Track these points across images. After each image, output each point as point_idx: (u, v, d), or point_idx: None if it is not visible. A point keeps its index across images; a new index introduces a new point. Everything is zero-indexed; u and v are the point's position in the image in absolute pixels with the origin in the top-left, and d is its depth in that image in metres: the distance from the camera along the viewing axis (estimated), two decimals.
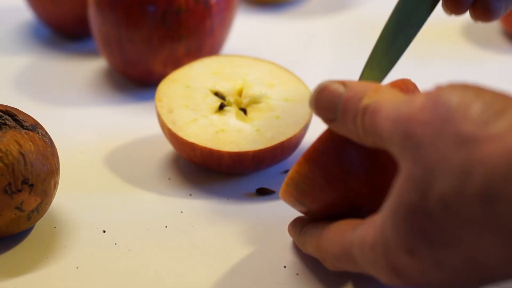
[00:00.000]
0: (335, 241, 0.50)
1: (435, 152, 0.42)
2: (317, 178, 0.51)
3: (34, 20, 0.85)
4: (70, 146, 0.67)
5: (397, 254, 0.44)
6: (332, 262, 0.50)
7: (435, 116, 0.43)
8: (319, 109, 0.49)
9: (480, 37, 0.83)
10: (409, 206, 0.43)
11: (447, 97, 0.43)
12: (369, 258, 0.46)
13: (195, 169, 0.65)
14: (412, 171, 0.43)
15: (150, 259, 0.56)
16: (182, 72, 0.67)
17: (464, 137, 0.42)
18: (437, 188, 0.42)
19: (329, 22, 0.87)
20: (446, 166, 0.42)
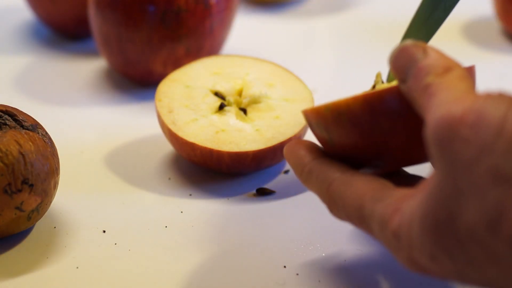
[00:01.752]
0: (350, 200, 0.48)
1: (469, 178, 0.41)
2: (364, 121, 0.50)
3: (34, 20, 0.85)
4: (70, 146, 0.67)
5: (420, 255, 0.44)
6: (340, 215, 0.50)
7: (476, 136, 0.41)
8: (395, 68, 0.48)
9: (480, 37, 0.83)
10: (437, 221, 0.43)
11: (493, 116, 0.41)
12: (390, 242, 0.46)
13: (195, 169, 0.65)
14: (443, 185, 0.42)
15: (150, 259, 0.56)
16: (182, 72, 0.67)
17: (503, 175, 0.40)
18: (467, 217, 0.41)
19: (329, 22, 0.87)
20: (479, 200, 0.41)
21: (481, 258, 0.42)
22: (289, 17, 0.87)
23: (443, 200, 0.42)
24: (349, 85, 0.76)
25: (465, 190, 0.41)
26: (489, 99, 0.42)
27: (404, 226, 0.45)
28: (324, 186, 0.50)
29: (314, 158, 0.52)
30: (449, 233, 0.42)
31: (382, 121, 0.50)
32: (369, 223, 0.47)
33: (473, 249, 0.42)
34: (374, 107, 0.50)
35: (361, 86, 0.65)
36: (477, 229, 0.41)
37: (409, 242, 0.45)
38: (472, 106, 0.42)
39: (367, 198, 0.48)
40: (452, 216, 0.42)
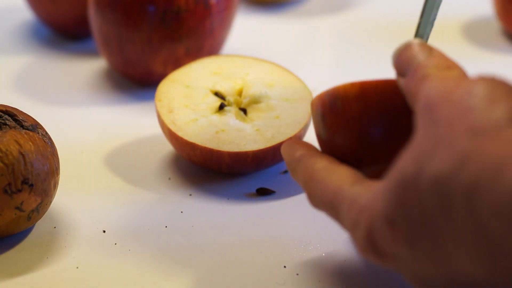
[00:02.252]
0: (328, 186, 0.49)
1: (446, 132, 0.43)
2: (355, 107, 0.50)
3: (34, 20, 0.85)
4: (70, 146, 0.67)
5: (379, 222, 0.45)
6: (316, 203, 0.50)
7: (462, 100, 0.43)
8: (396, 62, 0.50)
9: (480, 37, 0.83)
10: (403, 177, 0.43)
11: (481, 88, 0.43)
12: (352, 219, 0.47)
13: (195, 169, 0.65)
14: (419, 143, 0.44)
15: (150, 259, 0.56)
16: (182, 72, 0.67)
17: (476, 129, 0.42)
18: (433, 166, 0.42)
19: (329, 22, 0.87)
20: (449, 149, 0.42)
21: (436, 213, 0.42)
22: (289, 17, 0.87)
23: (414, 156, 0.43)
24: None
25: (438, 142, 0.43)
26: (481, 78, 0.44)
27: (370, 198, 0.46)
28: (308, 172, 0.51)
29: (306, 151, 0.53)
30: (412, 188, 0.43)
31: (371, 111, 0.50)
32: (338, 207, 0.48)
33: (431, 202, 0.42)
34: (368, 94, 0.50)
35: None
36: (439, 178, 0.42)
37: (371, 212, 0.45)
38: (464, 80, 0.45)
39: (346, 184, 0.49)
40: (420, 168, 0.43)
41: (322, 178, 0.50)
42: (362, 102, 0.51)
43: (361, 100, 0.51)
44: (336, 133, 0.52)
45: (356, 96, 0.51)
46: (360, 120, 0.51)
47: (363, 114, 0.51)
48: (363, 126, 0.51)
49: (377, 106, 0.50)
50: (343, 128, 0.51)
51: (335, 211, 0.49)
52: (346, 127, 0.51)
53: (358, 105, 0.51)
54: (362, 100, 0.51)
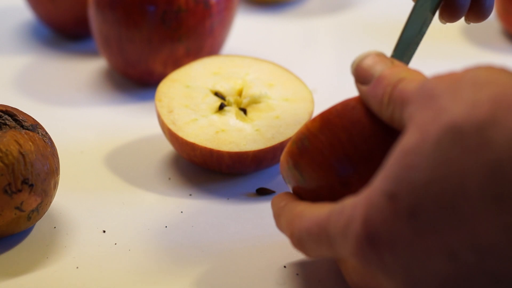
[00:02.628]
0: (313, 216, 0.48)
1: (451, 97, 0.43)
2: (323, 138, 0.50)
3: (34, 20, 0.85)
4: (70, 146, 0.67)
5: (377, 200, 0.43)
6: (300, 237, 0.49)
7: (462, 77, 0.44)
8: (357, 70, 0.50)
9: (480, 37, 0.83)
10: (407, 146, 0.43)
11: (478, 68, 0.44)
12: (344, 220, 0.45)
13: (195, 169, 0.65)
14: (422, 117, 0.43)
15: (150, 259, 0.56)
16: (182, 72, 0.67)
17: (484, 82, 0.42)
18: (441, 121, 0.42)
19: (329, 22, 0.87)
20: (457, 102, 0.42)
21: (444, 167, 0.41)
22: (289, 17, 0.88)
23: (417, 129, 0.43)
24: (349, 85, 0.76)
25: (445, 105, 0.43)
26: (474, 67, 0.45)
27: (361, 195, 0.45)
28: (290, 217, 0.50)
29: (288, 200, 0.52)
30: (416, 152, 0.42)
31: (340, 135, 0.50)
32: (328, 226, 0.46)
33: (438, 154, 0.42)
34: (329, 121, 0.50)
35: None
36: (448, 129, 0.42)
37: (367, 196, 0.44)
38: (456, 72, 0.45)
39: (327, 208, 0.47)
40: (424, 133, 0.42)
41: (306, 213, 0.49)
42: (327, 130, 0.50)
43: (325, 129, 0.50)
44: (315, 170, 0.51)
45: (320, 127, 0.50)
46: (332, 147, 0.50)
47: (333, 141, 0.50)
48: (338, 150, 0.50)
49: (343, 126, 0.50)
50: (320, 161, 0.51)
51: (323, 231, 0.47)
52: (322, 159, 0.51)
53: (325, 134, 0.50)
54: (326, 128, 0.50)
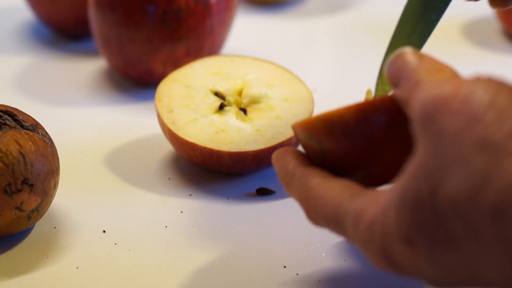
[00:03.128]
0: (328, 202, 0.48)
1: (455, 148, 0.41)
2: (356, 131, 0.49)
3: (34, 20, 0.85)
4: (70, 146, 0.67)
5: (394, 241, 0.43)
6: (317, 220, 0.49)
7: (465, 109, 0.41)
8: (389, 73, 0.48)
9: (480, 37, 0.83)
10: (417, 197, 0.42)
11: (483, 93, 0.42)
12: (362, 235, 0.45)
13: (195, 169, 0.65)
14: (427, 159, 0.42)
15: (150, 259, 0.56)
16: (182, 72, 0.67)
17: (490, 143, 0.40)
18: (450, 187, 0.41)
19: (329, 22, 0.87)
20: (463, 167, 0.41)
21: (459, 234, 0.41)
22: (289, 17, 0.87)
23: (425, 174, 0.42)
24: (349, 85, 0.76)
25: (450, 160, 0.41)
26: (478, 80, 0.42)
27: (379, 214, 0.44)
28: (304, 190, 0.50)
29: (299, 164, 0.51)
30: (430, 209, 0.42)
31: (375, 131, 0.49)
32: (344, 222, 0.47)
33: (453, 224, 0.41)
34: (367, 116, 0.49)
35: (360, 86, 0.65)
36: (458, 200, 0.40)
37: (384, 228, 0.44)
38: (461, 84, 0.43)
39: (345, 197, 0.47)
40: (434, 189, 0.41)
41: (319, 194, 0.49)
42: (362, 124, 0.49)
43: (361, 123, 0.49)
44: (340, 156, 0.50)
45: (355, 120, 0.49)
46: (364, 142, 0.49)
47: (366, 136, 0.49)
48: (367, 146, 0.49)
49: (379, 124, 0.49)
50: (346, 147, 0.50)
51: (340, 227, 0.47)
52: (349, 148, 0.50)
53: (359, 128, 0.49)
54: (362, 122, 0.49)
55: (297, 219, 0.59)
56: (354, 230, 0.46)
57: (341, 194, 0.48)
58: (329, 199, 0.48)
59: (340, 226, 0.47)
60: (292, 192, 0.51)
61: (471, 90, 0.42)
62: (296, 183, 0.50)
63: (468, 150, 0.41)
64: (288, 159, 0.52)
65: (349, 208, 0.46)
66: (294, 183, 0.51)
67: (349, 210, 0.46)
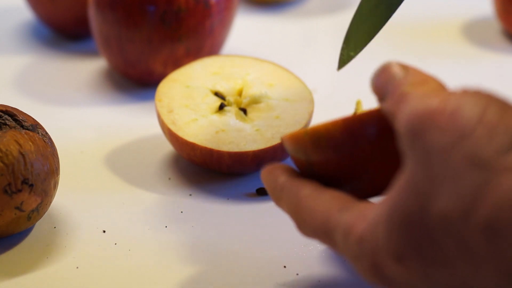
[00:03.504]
0: (317, 214, 0.47)
1: (445, 165, 0.41)
2: (343, 145, 0.49)
3: (34, 20, 0.85)
4: (70, 146, 0.67)
5: (385, 257, 0.43)
6: (307, 232, 0.48)
7: (454, 125, 0.41)
8: (375, 87, 0.48)
9: (480, 37, 0.83)
10: (407, 214, 0.42)
11: (471, 108, 0.41)
12: (352, 250, 0.45)
13: (195, 169, 0.65)
14: (416, 175, 0.42)
15: (150, 259, 0.56)
16: (182, 72, 0.67)
17: (481, 161, 0.40)
18: (440, 204, 0.41)
19: (329, 22, 0.87)
20: (454, 184, 0.40)
21: (452, 251, 0.41)
22: (289, 17, 0.87)
23: (415, 192, 0.41)
24: (349, 85, 0.76)
25: (440, 177, 0.41)
26: (466, 94, 0.42)
27: (368, 229, 0.44)
28: (294, 201, 0.49)
29: (288, 177, 0.51)
30: (420, 226, 0.41)
31: (362, 145, 0.49)
32: (333, 235, 0.46)
33: (445, 241, 0.41)
34: (353, 131, 0.49)
35: (360, 86, 0.65)
36: (450, 217, 0.40)
37: (374, 244, 0.43)
38: (449, 98, 0.42)
39: (334, 210, 0.47)
40: (425, 206, 0.41)
41: (309, 206, 0.48)
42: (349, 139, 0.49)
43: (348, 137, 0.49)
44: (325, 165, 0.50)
45: (341, 134, 0.49)
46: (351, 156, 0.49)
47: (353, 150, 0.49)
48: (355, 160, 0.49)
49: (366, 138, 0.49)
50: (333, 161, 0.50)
51: (330, 239, 0.47)
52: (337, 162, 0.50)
53: (346, 142, 0.49)
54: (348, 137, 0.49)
55: None
56: (344, 244, 0.46)
57: (331, 206, 0.47)
58: (319, 212, 0.48)
59: (330, 239, 0.47)
60: (283, 204, 0.51)
61: (459, 104, 0.42)
62: (286, 195, 0.50)
63: (458, 167, 0.40)
64: (277, 173, 0.51)
65: (338, 222, 0.46)
66: (284, 196, 0.50)
67: (339, 224, 0.46)
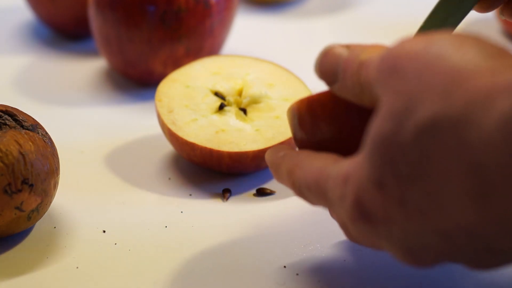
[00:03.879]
0: (312, 169, 0.48)
1: (420, 83, 0.42)
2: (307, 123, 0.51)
3: (34, 20, 0.85)
4: (70, 146, 0.67)
5: (367, 187, 0.44)
6: (301, 188, 0.49)
7: (426, 51, 0.42)
8: (322, 73, 0.49)
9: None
10: (384, 136, 0.42)
11: (443, 37, 0.42)
12: (339, 191, 0.45)
13: (195, 169, 0.65)
14: (393, 103, 0.42)
15: (150, 259, 0.56)
16: (182, 72, 0.67)
17: (455, 71, 0.41)
18: (416, 114, 0.41)
19: (329, 22, 0.87)
20: (429, 93, 0.41)
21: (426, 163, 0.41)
22: (289, 17, 0.87)
23: (392, 116, 0.42)
24: None
25: (417, 95, 0.41)
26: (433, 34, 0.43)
27: (354, 166, 0.45)
28: (291, 164, 0.50)
29: (288, 150, 0.52)
30: (395, 143, 0.42)
31: (321, 124, 0.50)
32: (325, 186, 0.47)
33: (418, 153, 0.41)
34: (313, 109, 0.50)
35: None
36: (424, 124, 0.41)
37: (357, 178, 0.44)
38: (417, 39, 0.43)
39: (328, 163, 0.48)
40: (400, 124, 0.42)
41: (305, 164, 0.49)
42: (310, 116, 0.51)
43: (309, 115, 0.51)
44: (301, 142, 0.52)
45: (305, 111, 0.51)
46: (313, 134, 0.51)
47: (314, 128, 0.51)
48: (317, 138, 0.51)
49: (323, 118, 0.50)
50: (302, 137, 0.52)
51: (321, 191, 0.47)
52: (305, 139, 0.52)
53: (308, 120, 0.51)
54: (309, 114, 0.51)
55: (297, 219, 0.60)
56: (333, 191, 0.46)
57: (325, 161, 0.48)
58: (314, 166, 0.48)
59: (321, 191, 0.47)
60: (281, 174, 0.51)
61: (430, 38, 0.43)
62: (285, 161, 0.51)
63: (433, 80, 0.41)
64: (279, 149, 0.52)
65: (331, 171, 0.47)
66: (283, 162, 0.51)
67: (331, 173, 0.47)
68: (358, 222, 0.45)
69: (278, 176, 0.52)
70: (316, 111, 0.50)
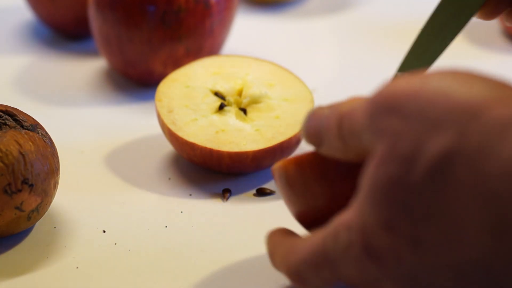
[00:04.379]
0: (303, 246, 0.47)
1: (425, 120, 0.41)
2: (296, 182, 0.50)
3: (34, 20, 0.85)
4: (70, 146, 0.67)
5: (373, 229, 0.43)
6: (298, 269, 0.47)
7: (426, 89, 0.42)
8: (309, 136, 0.48)
9: (480, 37, 0.83)
10: (391, 179, 0.41)
11: (439, 75, 0.42)
12: (343, 242, 0.44)
13: (195, 169, 0.65)
14: (394, 145, 0.42)
15: (150, 259, 0.56)
16: (182, 72, 0.67)
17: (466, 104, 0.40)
18: (428, 152, 0.40)
19: (329, 22, 0.87)
20: (439, 128, 0.40)
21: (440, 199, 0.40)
22: (289, 17, 0.87)
23: (396, 160, 0.41)
24: (349, 85, 0.76)
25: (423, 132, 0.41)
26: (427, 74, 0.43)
27: (354, 212, 0.44)
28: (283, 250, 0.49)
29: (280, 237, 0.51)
30: (405, 184, 0.41)
31: (311, 183, 0.49)
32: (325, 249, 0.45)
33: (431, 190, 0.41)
34: (303, 168, 0.49)
35: (360, 86, 0.65)
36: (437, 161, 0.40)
37: (362, 225, 0.43)
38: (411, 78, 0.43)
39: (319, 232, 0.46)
40: (408, 164, 0.41)
41: (295, 246, 0.48)
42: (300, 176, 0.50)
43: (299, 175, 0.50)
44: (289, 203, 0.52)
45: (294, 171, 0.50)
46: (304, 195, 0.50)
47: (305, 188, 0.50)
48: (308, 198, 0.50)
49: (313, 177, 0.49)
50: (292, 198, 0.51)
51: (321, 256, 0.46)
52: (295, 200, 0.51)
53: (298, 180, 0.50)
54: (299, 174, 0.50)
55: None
56: (334, 244, 0.45)
57: (315, 235, 0.47)
58: (305, 245, 0.47)
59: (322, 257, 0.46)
60: (276, 262, 0.50)
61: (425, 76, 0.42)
62: (277, 251, 0.50)
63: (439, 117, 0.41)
64: (273, 235, 0.51)
65: (325, 233, 0.45)
66: (276, 253, 0.50)
67: (326, 234, 0.45)
68: (367, 265, 0.44)
69: (274, 264, 0.51)
70: (306, 170, 0.49)
